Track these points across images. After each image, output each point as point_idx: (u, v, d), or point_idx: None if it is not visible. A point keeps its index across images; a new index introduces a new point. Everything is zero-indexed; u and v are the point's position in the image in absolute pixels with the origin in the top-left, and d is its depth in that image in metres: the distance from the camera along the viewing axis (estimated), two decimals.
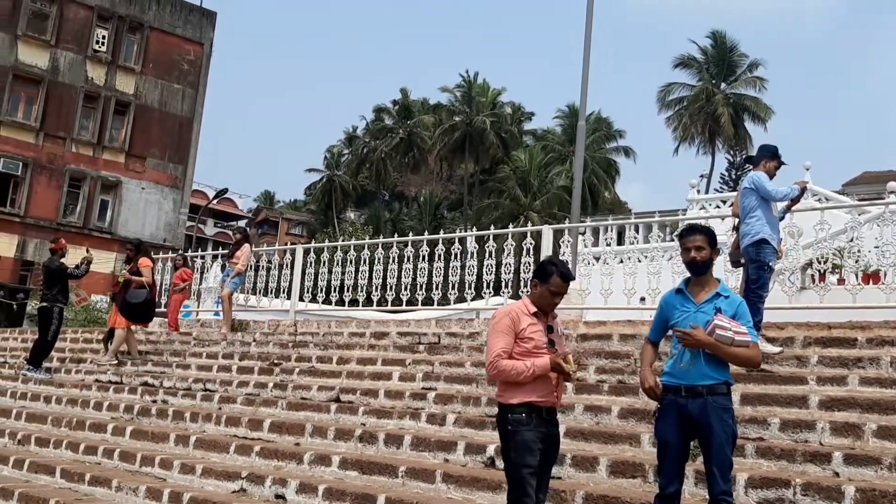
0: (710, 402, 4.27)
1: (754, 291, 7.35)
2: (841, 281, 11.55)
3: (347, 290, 13.68)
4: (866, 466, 5.12)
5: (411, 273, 12.86)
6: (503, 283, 12.25)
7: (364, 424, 7.55)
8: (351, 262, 13.62)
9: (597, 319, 10.06)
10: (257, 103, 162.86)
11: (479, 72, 69.20)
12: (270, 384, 9.23)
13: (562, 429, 4.72)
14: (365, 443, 7.03)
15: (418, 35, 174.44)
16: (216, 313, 15.66)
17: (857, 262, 10.17)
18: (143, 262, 11.80)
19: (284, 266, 14.71)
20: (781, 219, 8.00)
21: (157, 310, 16.29)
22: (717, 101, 51.55)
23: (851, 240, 10.31)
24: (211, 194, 52.32)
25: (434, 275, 12.72)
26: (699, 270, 4.50)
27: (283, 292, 14.72)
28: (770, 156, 7.71)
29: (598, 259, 13.83)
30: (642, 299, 11.30)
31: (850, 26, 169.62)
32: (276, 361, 10.26)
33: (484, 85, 59.75)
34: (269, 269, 15.12)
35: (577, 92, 15.39)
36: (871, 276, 11.64)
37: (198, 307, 17.58)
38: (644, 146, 77.59)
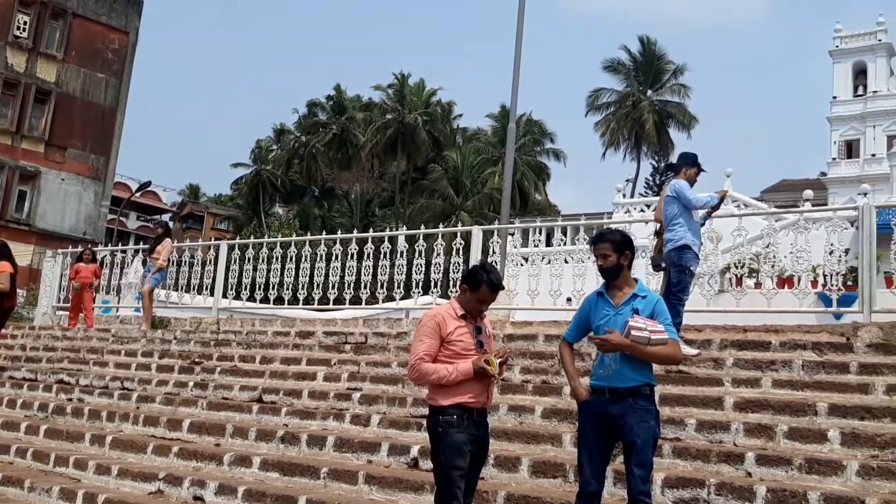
0: (631, 404, 4.34)
1: (675, 294, 7.53)
2: (758, 285, 11.91)
3: (273, 288, 13.49)
4: (777, 467, 5.28)
5: (339, 271, 12.74)
6: (432, 283, 12.27)
7: (287, 425, 7.47)
8: (277, 258, 13.42)
9: (524, 319, 10.16)
10: (184, 95, 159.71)
11: (414, 71, 69.36)
12: (191, 383, 9.07)
13: None
14: (287, 444, 6.96)
15: (353, 32, 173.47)
16: (136, 309, 15.29)
17: (772, 267, 10.49)
18: (3, 266, 10.92)
19: (208, 262, 14.40)
20: (702, 225, 8.22)
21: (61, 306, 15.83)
22: (644, 107, 52.68)
23: (768, 245, 10.63)
24: (134, 187, 51.16)
25: (363, 273, 12.63)
26: (609, 276, 4.62)
27: (207, 289, 14.44)
28: (690, 163, 7.94)
29: (526, 260, 13.97)
30: (568, 300, 11.46)
31: (777, 38, 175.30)
32: (197, 360, 10.07)
33: (419, 84, 59.67)
34: (192, 265, 14.79)
35: (509, 94, 15.46)
36: (786, 281, 12.03)
37: (118, 303, 17.15)
38: (575, 149, 78.64)
